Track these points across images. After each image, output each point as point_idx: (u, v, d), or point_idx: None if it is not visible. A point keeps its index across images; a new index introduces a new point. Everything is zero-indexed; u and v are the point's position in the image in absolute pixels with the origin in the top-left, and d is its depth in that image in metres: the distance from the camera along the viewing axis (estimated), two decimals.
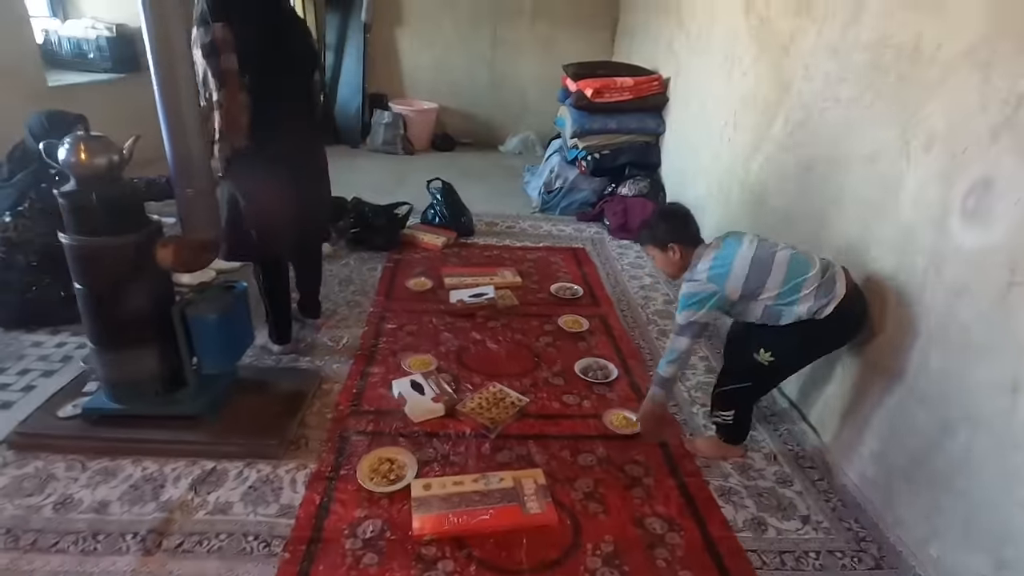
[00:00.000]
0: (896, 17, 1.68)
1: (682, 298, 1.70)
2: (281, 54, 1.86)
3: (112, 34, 4.12)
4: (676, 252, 1.75)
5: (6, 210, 2.12)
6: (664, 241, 1.76)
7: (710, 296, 1.65)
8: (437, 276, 2.92)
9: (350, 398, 1.98)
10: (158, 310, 1.62)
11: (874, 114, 1.75)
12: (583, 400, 2.08)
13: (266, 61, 1.81)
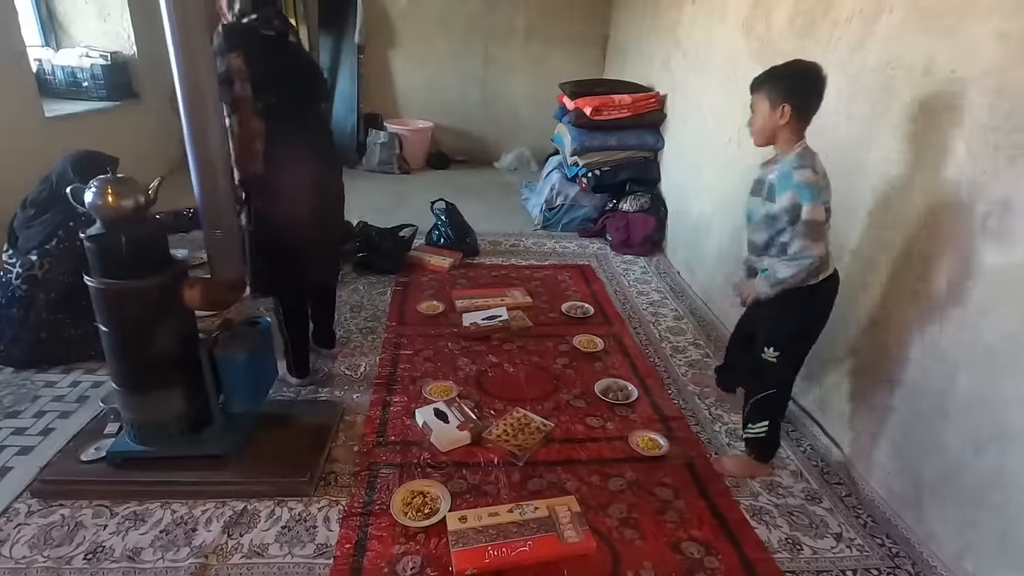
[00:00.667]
0: (905, 41, 1.73)
1: (805, 188, 1.49)
2: (296, 84, 1.90)
3: (107, 62, 4.09)
4: (785, 116, 1.54)
5: (33, 248, 2.09)
6: (783, 96, 1.54)
7: (824, 193, 1.53)
8: (448, 299, 2.92)
9: (375, 429, 1.97)
10: (184, 350, 1.60)
11: (885, 128, 1.79)
12: (606, 422, 2.08)
13: (283, 90, 1.84)
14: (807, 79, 1.57)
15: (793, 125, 1.57)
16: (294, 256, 1.93)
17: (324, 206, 1.98)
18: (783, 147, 1.61)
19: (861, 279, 1.87)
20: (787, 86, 1.57)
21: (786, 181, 1.54)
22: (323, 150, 1.98)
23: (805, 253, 1.53)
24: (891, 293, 1.75)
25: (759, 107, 1.62)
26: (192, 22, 1.34)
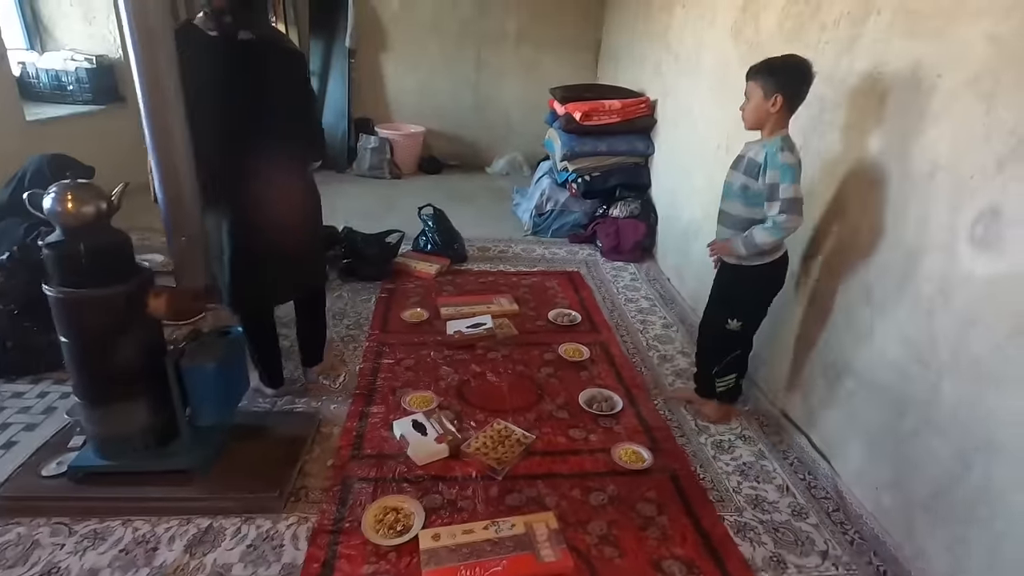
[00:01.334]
0: (894, 44, 1.69)
1: (787, 169, 1.68)
2: (240, 98, 1.69)
3: (92, 65, 4.05)
4: (776, 105, 1.71)
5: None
6: (777, 87, 1.70)
7: (800, 173, 1.72)
8: (433, 306, 2.87)
9: (351, 442, 1.91)
10: (149, 361, 1.55)
11: (872, 139, 1.75)
12: (589, 434, 2.03)
13: (220, 107, 1.67)
14: (800, 73, 1.72)
15: (782, 114, 1.73)
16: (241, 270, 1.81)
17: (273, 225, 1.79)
18: (769, 132, 1.77)
19: (848, 287, 1.83)
20: (781, 78, 1.71)
21: (772, 161, 1.71)
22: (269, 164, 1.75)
23: (787, 224, 1.70)
24: (879, 302, 1.70)
25: (753, 94, 1.76)
26: (153, 22, 1.30)
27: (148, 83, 1.32)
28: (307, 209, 1.97)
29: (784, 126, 1.76)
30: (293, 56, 1.86)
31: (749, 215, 1.82)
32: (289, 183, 1.86)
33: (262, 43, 1.72)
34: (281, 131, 1.77)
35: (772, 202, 1.72)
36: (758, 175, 1.75)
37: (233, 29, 1.65)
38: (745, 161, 1.81)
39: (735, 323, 1.96)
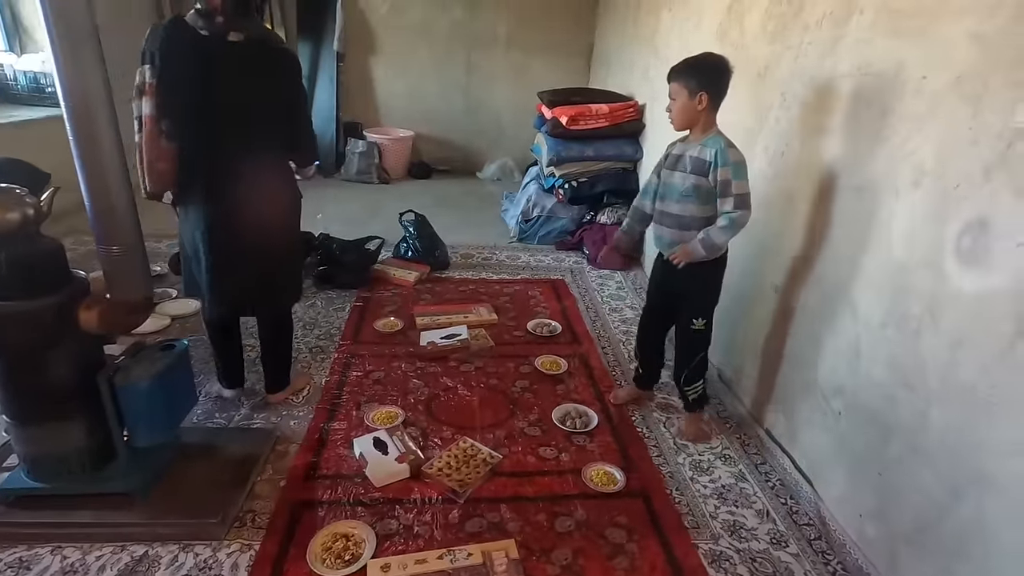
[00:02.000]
0: (877, 45, 1.60)
1: (738, 166, 1.74)
2: (225, 99, 1.67)
3: None
4: (702, 104, 1.75)
5: None
6: (700, 86, 1.74)
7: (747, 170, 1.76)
8: (408, 315, 2.77)
9: (307, 461, 1.81)
10: (83, 377, 1.45)
11: (857, 145, 1.66)
12: (561, 453, 1.93)
13: (204, 108, 1.65)
14: (719, 70, 1.77)
15: (709, 111, 1.78)
16: (209, 269, 1.79)
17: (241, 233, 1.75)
18: (702, 130, 1.81)
19: (833, 302, 1.73)
20: (703, 77, 1.76)
21: (723, 158, 1.74)
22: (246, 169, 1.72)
23: (741, 219, 1.76)
24: (865, 320, 1.60)
25: (679, 95, 1.79)
26: (77, 22, 1.21)
27: (71, 88, 1.23)
28: (287, 215, 1.92)
29: (714, 123, 1.81)
30: (284, 55, 1.81)
31: (703, 214, 1.83)
32: (271, 187, 1.83)
33: (252, 44, 1.69)
34: (266, 134, 1.76)
35: (725, 198, 1.76)
36: (708, 173, 1.77)
37: (224, 30, 1.64)
38: (688, 160, 1.82)
39: (700, 322, 1.95)
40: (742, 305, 2.27)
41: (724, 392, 2.33)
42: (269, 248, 1.85)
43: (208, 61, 1.63)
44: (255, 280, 1.86)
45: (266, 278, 1.89)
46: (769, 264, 2.10)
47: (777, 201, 2.08)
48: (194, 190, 1.72)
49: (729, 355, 2.38)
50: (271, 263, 1.88)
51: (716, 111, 1.79)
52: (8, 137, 3.35)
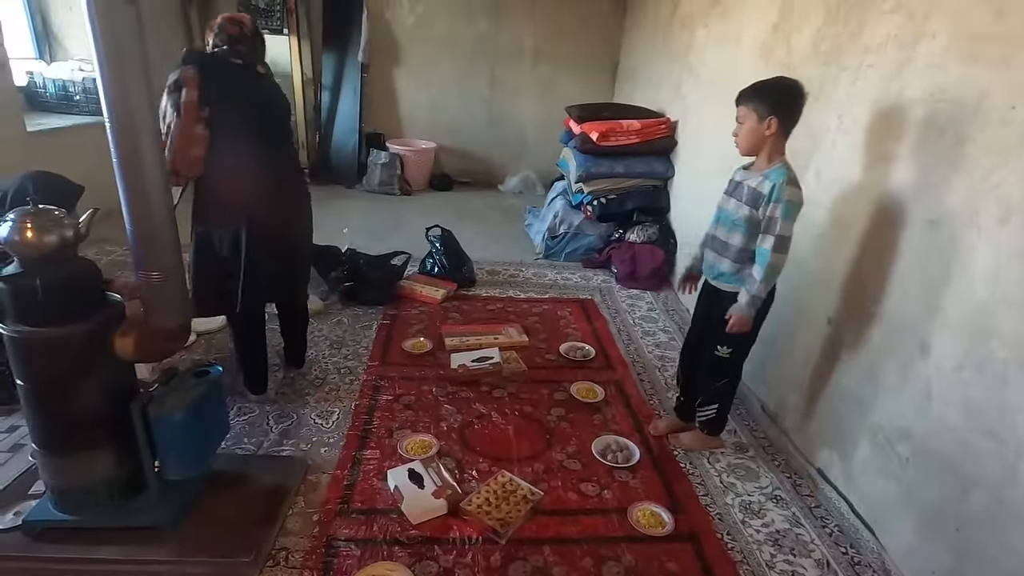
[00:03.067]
0: (952, 71, 1.51)
1: (789, 207, 1.64)
2: (252, 107, 1.90)
3: None
4: (772, 129, 1.66)
5: None
6: (771, 110, 1.65)
7: (798, 212, 1.68)
8: (436, 335, 2.70)
9: (340, 494, 1.74)
10: (115, 406, 1.39)
11: (931, 175, 1.57)
12: (603, 490, 1.84)
13: (235, 108, 1.85)
14: (793, 94, 1.67)
15: (778, 137, 1.68)
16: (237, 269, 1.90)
17: (275, 224, 1.91)
18: (768, 158, 1.71)
19: (899, 339, 1.64)
20: (774, 101, 1.66)
21: (778, 194, 1.65)
22: (278, 159, 1.96)
23: (776, 263, 1.68)
24: (938, 361, 1.51)
25: (747, 119, 1.71)
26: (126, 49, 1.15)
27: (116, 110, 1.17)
28: (307, 215, 2.17)
29: (782, 151, 1.71)
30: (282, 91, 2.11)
31: (746, 246, 1.76)
32: (297, 191, 2.10)
33: (269, 76, 1.99)
34: (292, 148, 2.14)
35: (767, 235, 1.68)
36: (760, 206, 1.69)
37: (252, 60, 1.91)
38: (746, 190, 1.75)
39: (725, 350, 1.87)
40: (787, 335, 2.18)
41: (768, 425, 2.23)
42: (306, 236, 2.15)
43: (250, 86, 1.90)
44: (284, 273, 2.09)
45: (291, 271, 2.14)
46: (819, 294, 2.01)
47: (830, 229, 1.99)
48: (235, 193, 1.83)
49: (772, 387, 2.29)
50: (297, 258, 2.15)
51: (786, 138, 1.70)
52: (37, 145, 3.34)
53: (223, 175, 1.82)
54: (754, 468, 1.99)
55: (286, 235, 2.00)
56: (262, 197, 1.87)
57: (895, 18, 1.73)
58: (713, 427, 2.01)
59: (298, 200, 2.09)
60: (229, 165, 1.81)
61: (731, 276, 1.82)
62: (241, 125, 1.84)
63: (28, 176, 1.96)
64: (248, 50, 1.89)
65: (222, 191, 1.84)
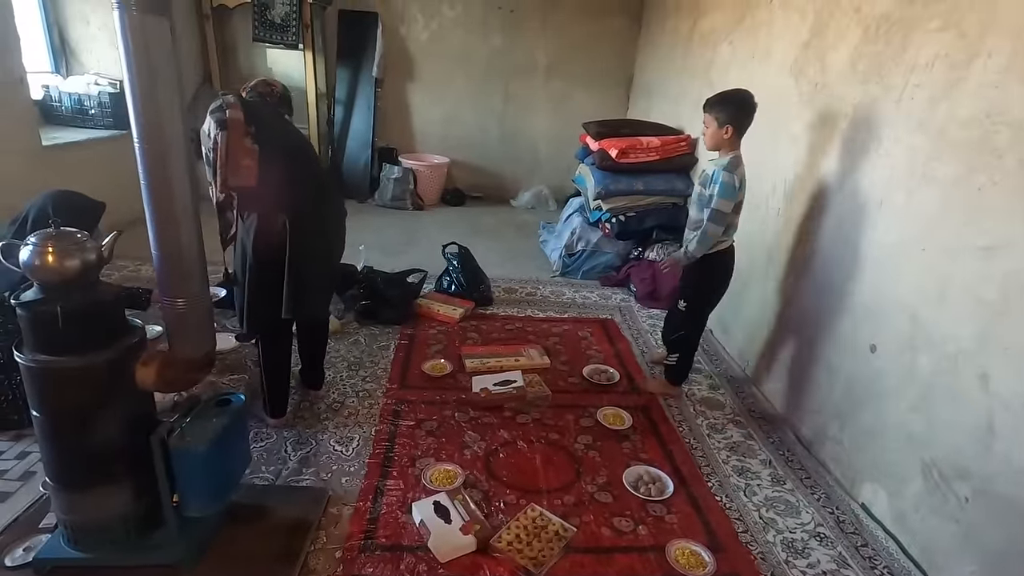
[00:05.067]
0: (1011, 91, 1.45)
1: (724, 187, 2.08)
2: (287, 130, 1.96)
3: (115, 90, 3.96)
4: (729, 134, 2.10)
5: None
6: (729, 119, 2.08)
7: (734, 194, 2.11)
8: (456, 356, 2.63)
9: (363, 528, 1.66)
10: (134, 438, 1.32)
11: (987, 200, 1.50)
12: (638, 525, 1.75)
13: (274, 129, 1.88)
14: (747, 107, 2.12)
15: (733, 139, 2.12)
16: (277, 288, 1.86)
17: (321, 240, 1.94)
18: (724, 152, 2.15)
19: (957, 368, 1.56)
20: (731, 110, 2.10)
21: (717, 176, 2.11)
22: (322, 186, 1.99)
23: (710, 230, 2.13)
24: (1002, 393, 1.42)
25: (710, 125, 2.15)
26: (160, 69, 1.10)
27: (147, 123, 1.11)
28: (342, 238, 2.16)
29: (736, 147, 2.13)
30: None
31: (701, 217, 2.17)
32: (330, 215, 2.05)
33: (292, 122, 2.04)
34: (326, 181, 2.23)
35: (706, 208, 2.13)
36: (707, 186, 2.15)
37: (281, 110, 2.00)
38: (701, 174, 2.24)
39: (682, 304, 2.35)
40: (821, 364, 2.11)
41: (805, 456, 2.14)
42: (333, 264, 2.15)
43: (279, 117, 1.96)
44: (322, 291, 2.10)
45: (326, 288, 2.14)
46: (861, 320, 1.93)
47: (871, 253, 1.92)
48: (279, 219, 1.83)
49: (807, 414, 2.20)
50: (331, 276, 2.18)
51: (740, 138, 2.12)
52: (52, 159, 3.31)
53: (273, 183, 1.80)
54: (794, 502, 1.90)
55: (323, 255, 1.99)
56: (306, 205, 1.88)
57: (944, 37, 1.67)
58: (673, 375, 2.45)
59: (337, 214, 2.08)
60: (277, 174, 1.81)
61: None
62: (281, 145, 1.87)
63: (49, 195, 1.91)
64: (273, 101, 1.98)
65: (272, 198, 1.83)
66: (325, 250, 1.98)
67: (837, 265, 2.09)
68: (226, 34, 4.95)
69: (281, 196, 1.81)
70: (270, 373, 2.01)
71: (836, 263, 2.10)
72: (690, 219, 2.30)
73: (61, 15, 4.06)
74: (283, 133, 1.92)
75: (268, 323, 1.91)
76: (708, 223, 2.11)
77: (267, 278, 1.84)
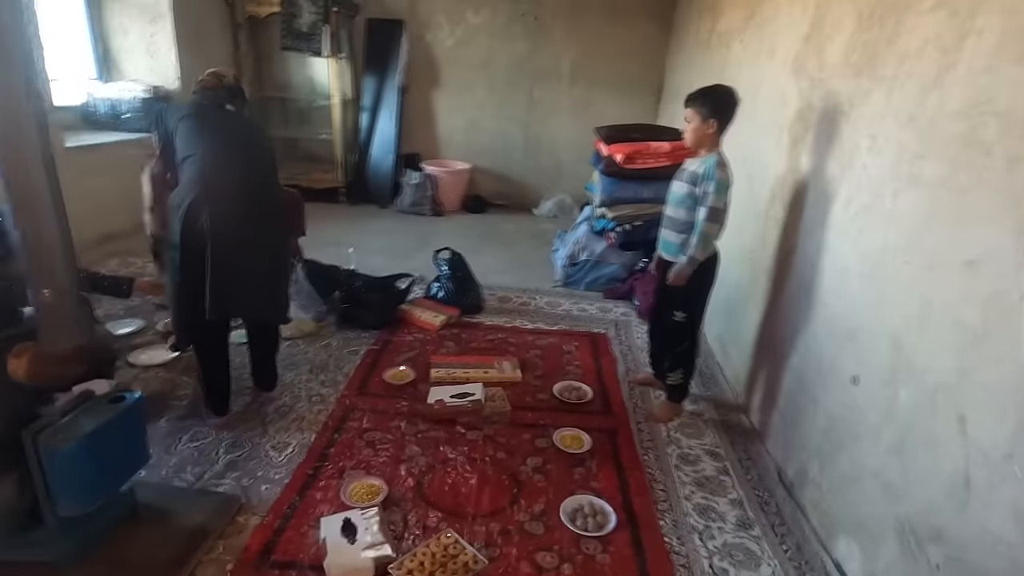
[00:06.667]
0: (1000, 74, 1.20)
1: (719, 184, 1.96)
2: (217, 123, 1.97)
3: (147, 95, 4.17)
4: (712, 129, 2.00)
5: None
6: (713, 113, 1.98)
7: (728, 191, 2.00)
8: (424, 365, 2.52)
9: (264, 540, 1.57)
10: (13, 430, 1.29)
11: (972, 204, 1.24)
12: (563, 563, 1.57)
13: (200, 128, 1.91)
14: (730, 101, 2.01)
15: (716, 135, 2.02)
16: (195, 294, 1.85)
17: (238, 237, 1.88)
18: (708, 149, 2.04)
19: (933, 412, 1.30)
20: (714, 105, 2.00)
21: (710, 174, 1.98)
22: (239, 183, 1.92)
23: (708, 230, 2.00)
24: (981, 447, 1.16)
25: (693, 120, 2.03)
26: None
27: None
28: (278, 235, 2.11)
29: (718, 144, 2.03)
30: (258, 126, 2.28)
31: (688, 219, 2.07)
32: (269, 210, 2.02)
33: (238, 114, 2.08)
34: (263, 171, 2.01)
35: (701, 207, 2.01)
36: (697, 184, 2.02)
37: (220, 103, 2.01)
38: (687, 173, 2.09)
39: (679, 315, 2.19)
40: (807, 395, 1.85)
41: (784, 499, 1.88)
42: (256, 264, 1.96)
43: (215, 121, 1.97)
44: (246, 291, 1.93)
45: (259, 291, 2.00)
46: (845, 345, 1.68)
47: (857, 266, 1.66)
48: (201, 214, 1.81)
49: (791, 451, 1.94)
50: (263, 278, 2.00)
51: (723, 134, 2.02)
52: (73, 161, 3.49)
53: (186, 184, 1.85)
54: (756, 552, 1.66)
55: (250, 250, 1.91)
56: (224, 208, 1.83)
57: (937, 16, 1.42)
58: (678, 394, 2.30)
59: (266, 218, 1.99)
60: (190, 175, 1.85)
61: (677, 248, 2.11)
62: (198, 147, 1.87)
63: None
64: (218, 97, 2.00)
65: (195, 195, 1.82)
66: (250, 247, 1.90)
67: (823, 280, 1.84)
68: (259, 43, 5.13)
69: (203, 193, 1.79)
70: (205, 372, 2.00)
71: (822, 277, 1.85)
72: (672, 220, 2.15)
73: (105, 27, 4.34)
74: (214, 130, 1.92)
75: (197, 327, 1.89)
76: (706, 223, 1.99)
77: (190, 280, 1.82)
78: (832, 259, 1.81)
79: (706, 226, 1.99)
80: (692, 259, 2.04)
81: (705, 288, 2.18)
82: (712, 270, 2.16)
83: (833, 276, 1.80)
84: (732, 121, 2.02)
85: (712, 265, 2.14)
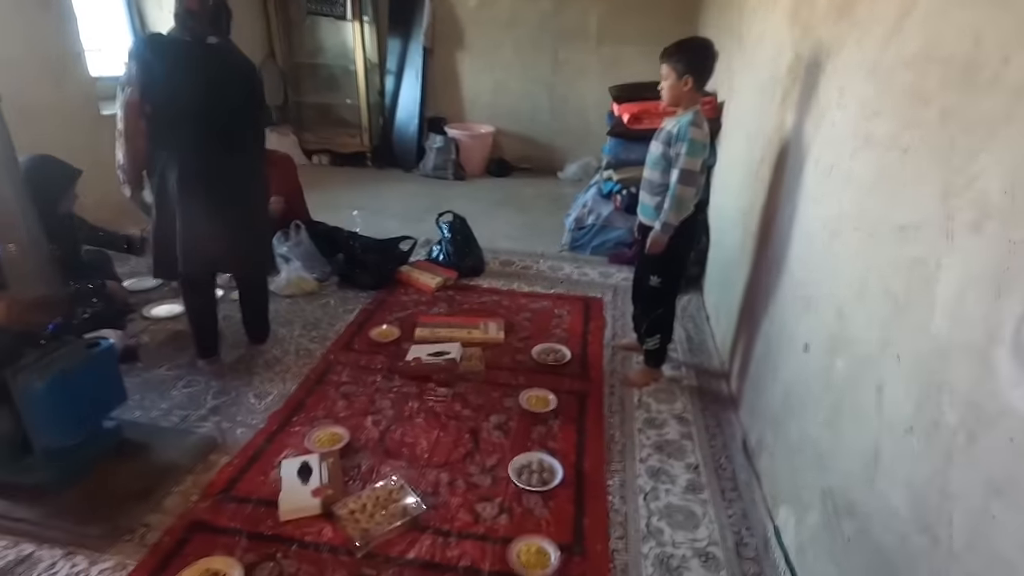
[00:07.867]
0: (951, 17, 1.09)
1: (693, 144, 1.88)
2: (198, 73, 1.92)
3: None
4: (688, 85, 1.91)
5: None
6: (688, 69, 1.89)
7: (704, 152, 1.92)
8: (412, 325, 2.61)
9: (229, 477, 1.72)
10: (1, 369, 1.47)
11: (912, 164, 1.15)
12: (501, 514, 1.63)
13: (177, 94, 1.89)
14: (707, 55, 1.93)
15: (692, 92, 1.92)
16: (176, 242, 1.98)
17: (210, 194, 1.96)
18: (684, 106, 1.95)
19: (857, 381, 1.24)
20: (689, 60, 1.90)
21: (683, 134, 1.89)
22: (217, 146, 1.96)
23: (681, 194, 1.93)
24: (890, 418, 1.11)
25: (668, 77, 1.94)
26: None
27: None
28: (252, 190, 2.14)
29: (697, 101, 1.94)
30: (248, 61, 2.08)
31: (663, 181, 2.00)
32: (240, 164, 2.05)
33: (224, 47, 1.98)
34: (238, 120, 2.02)
35: (674, 169, 1.93)
36: (672, 145, 1.93)
37: (202, 34, 1.91)
38: (664, 133, 2.01)
39: (656, 280, 2.13)
40: (770, 363, 1.80)
41: (744, 467, 1.85)
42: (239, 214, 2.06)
43: (191, 58, 1.90)
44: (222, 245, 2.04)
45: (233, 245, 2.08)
46: (802, 313, 1.61)
47: (819, 232, 1.58)
48: (171, 163, 1.92)
49: (755, 420, 1.90)
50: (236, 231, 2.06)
51: (701, 90, 1.94)
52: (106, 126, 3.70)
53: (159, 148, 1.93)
54: (697, 514, 1.66)
55: (224, 205, 2.00)
56: (196, 167, 1.93)
57: None
58: (655, 359, 2.26)
59: (244, 174, 2.08)
60: (163, 137, 1.92)
61: (653, 212, 2.04)
62: (177, 103, 1.90)
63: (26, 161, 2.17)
64: (200, 25, 1.90)
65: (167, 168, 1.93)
66: (221, 203, 1.97)
67: (792, 246, 1.76)
68: (289, 11, 5.22)
69: (171, 139, 1.89)
70: (190, 315, 2.17)
71: (792, 243, 1.76)
72: (648, 183, 2.08)
73: (141, 2, 4.54)
74: (190, 75, 1.89)
75: (172, 272, 2.04)
76: (679, 185, 1.91)
77: (164, 230, 1.96)
78: (801, 224, 1.72)
79: (679, 189, 1.92)
80: (666, 225, 1.98)
81: (681, 252, 2.12)
82: (689, 233, 2.10)
83: (801, 242, 1.71)
84: (710, 76, 1.95)
85: (690, 228, 2.07)
